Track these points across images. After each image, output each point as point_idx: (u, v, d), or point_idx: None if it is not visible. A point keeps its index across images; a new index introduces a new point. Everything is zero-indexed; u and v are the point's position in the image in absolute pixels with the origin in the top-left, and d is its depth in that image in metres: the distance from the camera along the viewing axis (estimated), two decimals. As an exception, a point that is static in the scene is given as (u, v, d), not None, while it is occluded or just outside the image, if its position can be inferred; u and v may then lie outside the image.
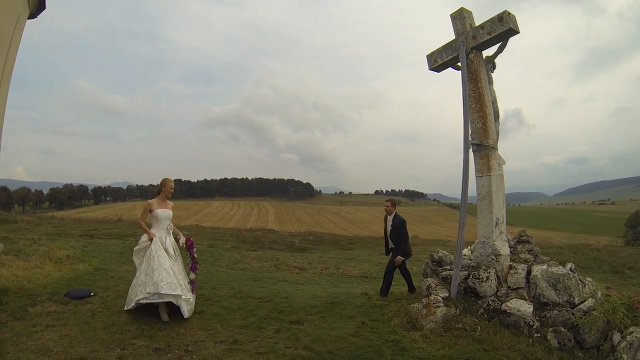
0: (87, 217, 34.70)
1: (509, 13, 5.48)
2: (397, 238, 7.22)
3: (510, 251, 5.97)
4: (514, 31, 5.56)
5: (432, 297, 5.61)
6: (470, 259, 6.03)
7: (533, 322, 5.20)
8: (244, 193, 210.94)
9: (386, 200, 7.54)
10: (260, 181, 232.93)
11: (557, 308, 5.26)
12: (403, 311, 5.99)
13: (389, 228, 7.43)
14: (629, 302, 5.45)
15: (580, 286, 5.44)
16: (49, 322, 5.54)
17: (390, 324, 5.73)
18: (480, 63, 5.95)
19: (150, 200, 6.15)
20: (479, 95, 5.86)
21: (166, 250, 5.88)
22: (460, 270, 5.85)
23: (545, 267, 5.62)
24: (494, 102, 5.97)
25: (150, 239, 5.86)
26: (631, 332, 4.87)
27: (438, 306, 5.53)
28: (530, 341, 5.07)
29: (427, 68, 6.57)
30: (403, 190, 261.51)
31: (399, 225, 7.23)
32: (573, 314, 5.15)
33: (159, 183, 6.27)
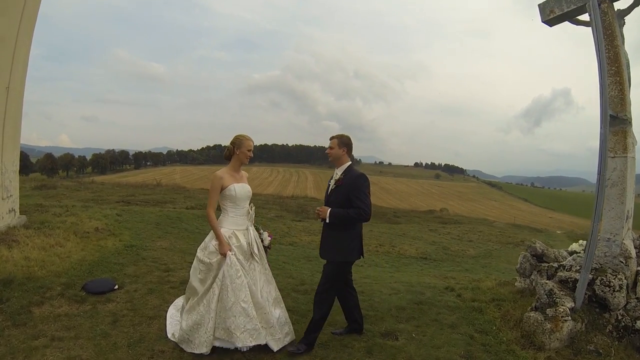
0: (127, 181, 30.38)
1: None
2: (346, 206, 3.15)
3: (636, 253, 3.76)
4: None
5: (560, 309, 3.35)
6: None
7: None
8: (284, 159, 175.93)
9: (331, 138, 3.35)
10: (300, 148, 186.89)
11: None
12: (512, 320, 3.74)
13: (331, 188, 3.31)
14: None
15: None
16: (55, 332, 3.17)
17: (503, 339, 3.47)
18: (614, 16, 3.65)
19: (218, 172, 3.12)
20: (615, 56, 3.58)
21: (250, 254, 3.11)
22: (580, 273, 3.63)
23: None
24: (628, 65, 3.67)
25: (224, 254, 2.98)
26: None
27: (565, 320, 3.30)
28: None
29: (540, 20, 4.17)
30: (443, 164, 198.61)
31: (353, 184, 3.14)
32: None
33: (230, 144, 3.23)
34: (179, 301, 3.61)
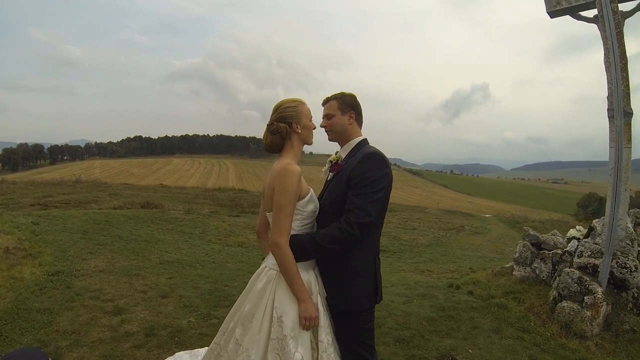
0: (43, 179, 25.52)
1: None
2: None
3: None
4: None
5: (598, 295, 3.48)
6: (596, 244, 4.07)
7: None
8: (205, 150, 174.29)
9: (324, 102, 1.96)
10: (221, 138, 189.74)
11: None
12: (542, 313, 3.78)
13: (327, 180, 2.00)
14: None
15: None
16: None
17: (547, 334, 3.46)
18: (622, 15, 3.94)
19: (291, 166, 1.71)
20: (622, 53, 3.87)
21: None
22: (595, 258, 3.88)
23: None
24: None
25: (310, 319, 1.64)
26: None
27: (602, 305, 3.45)
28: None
29: (545, 10, 4.29)
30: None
31: (355, 171, 1.73)
32: None
33: (277, 121, 1.80)
34: None
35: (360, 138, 1.95)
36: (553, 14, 4.27)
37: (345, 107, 1.93)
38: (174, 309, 3.88)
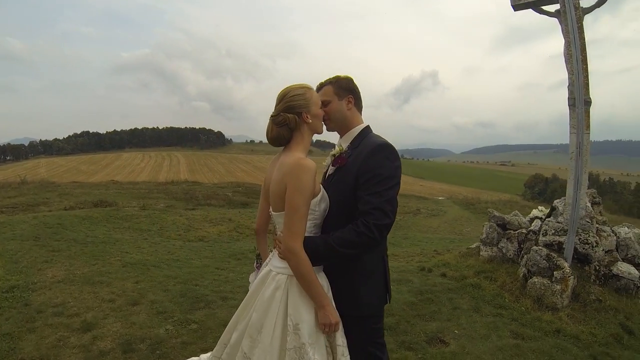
0: None
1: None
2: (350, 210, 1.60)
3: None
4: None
5: (566, 270, 3.77)
6: (559, 222, 4.38)
7: (639, 283, 3.96)
8: (155, 143, 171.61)
9: (319, 88, 1.79)
10: (171, 130, 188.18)
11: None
12: (514, 289, 4.04)
13: (328, 174, 1.79)
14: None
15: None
16: None
17: (523, 309, 3.72)
18: (582, 11, 4.18)
19: (305, 161, 1.52)
20: (583, 46, 4.13)
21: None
22: (559, 236, 4.19)
23: (628, 229, 4.46)
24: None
25: (331, 325, 1.54)
26: None
27: (570, 279, 3.75)
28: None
29: (510, 3, 4.45)
30: (314, 140, 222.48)
31: (366, 164, 1.57)
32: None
33: (286, 111, 1.60)
34: None
35: (362, 126, 1.78)
36: (517, 7, 4.47)
37: (342, 91, 1.76)
38: (147, 317, 3.61)
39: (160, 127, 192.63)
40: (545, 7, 4.39)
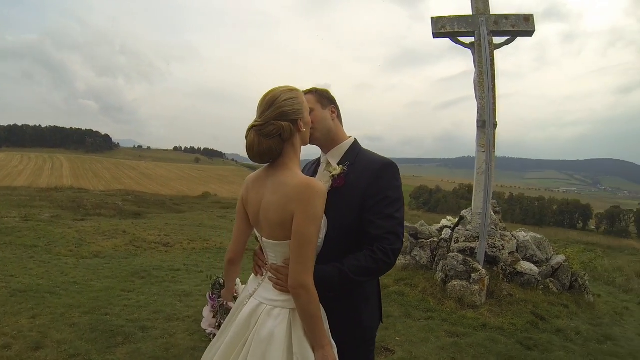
0: None
1: (533, 17, 4.81)
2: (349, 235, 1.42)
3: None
4: (531, 33, 4.86)
5: (482, 272, 4.26)
6: (468, 230, 4.95)
7: (539, 277, 4.76)
8: (36, 143, 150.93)
9: (308, 93, 1.56)
10: (55, 130, 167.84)
11: (544, 264, 4.98)
12: (436, 293, 4.40)
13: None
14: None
15: (549, 247, 5.37)
16: None
17: (448, 310, 4.06)
18: (495, 47, 4.89)
19: (316, 183, 1.28)
20: (493, 76, 4.82)
21: None
22: (470, 242, 4.75)
23: (525, 233, 5.31)
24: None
25: None
26: (584, 275, 5.14)
27: (485, 279, 4.27)
28: (541, 292, 4.62)
29: (431, 30, 4.96)
30: (202, 148, 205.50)
31: (375, 184, 1.43)
32: (552, 267, 5.00)
33: (278, 119, 1.30)
34: None
35: (351, 140, 1.63)
36: (437, 35, 5.05)
37: (324, 100, 1.60)
38: (58, 364, 2.76)
39: (43, 126, 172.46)
40: (462, 39, 5.04)
